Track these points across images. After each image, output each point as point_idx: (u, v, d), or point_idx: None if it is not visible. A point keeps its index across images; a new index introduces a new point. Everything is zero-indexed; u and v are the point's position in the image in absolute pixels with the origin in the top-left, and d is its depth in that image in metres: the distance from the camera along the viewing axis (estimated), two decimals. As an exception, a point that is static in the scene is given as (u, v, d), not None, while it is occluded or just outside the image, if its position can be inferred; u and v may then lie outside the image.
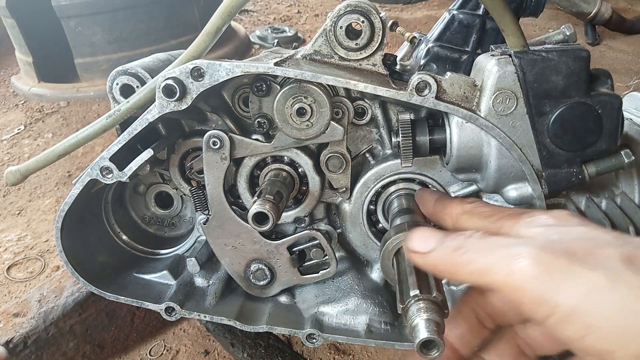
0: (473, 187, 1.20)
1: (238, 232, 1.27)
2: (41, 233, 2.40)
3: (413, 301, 0.82)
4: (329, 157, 1.21)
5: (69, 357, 1.65)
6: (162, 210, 1.47)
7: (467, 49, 1.63)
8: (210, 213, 1.26)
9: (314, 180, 1.24)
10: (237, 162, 1.25)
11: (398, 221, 1.11)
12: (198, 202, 1.35)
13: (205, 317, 1.32)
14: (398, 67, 1.51)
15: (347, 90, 1.19)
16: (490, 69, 1.00)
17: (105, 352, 1.75)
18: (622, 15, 4.53)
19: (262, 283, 1.34)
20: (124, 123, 1.15)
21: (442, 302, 0.83)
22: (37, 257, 2.21)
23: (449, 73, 1.02)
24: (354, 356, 1.74)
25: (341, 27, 1.08)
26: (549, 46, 1.01)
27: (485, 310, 0.85)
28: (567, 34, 1.76)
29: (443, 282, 1.31)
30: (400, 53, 1.91)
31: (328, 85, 1.08)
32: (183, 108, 1.04)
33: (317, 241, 1.29)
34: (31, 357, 1.55)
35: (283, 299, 1.40)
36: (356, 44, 1.09)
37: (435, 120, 1.17)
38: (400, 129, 1.10)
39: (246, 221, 1.10)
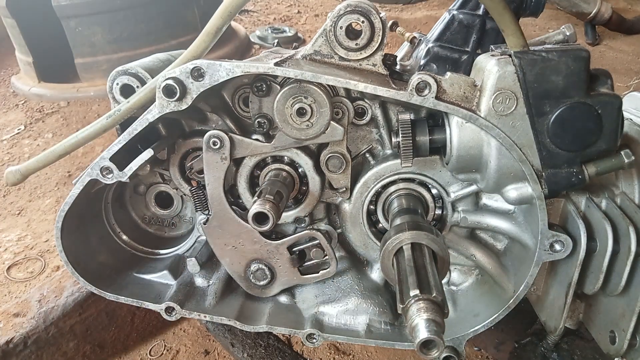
0: (473, 187, 1.20)
1: (238, 232, 1.27)
2: (41, 233, 2.40)
3: (413, 301, 0.82)
4: (329, 157, 1.21)
5: (69, 357, 1.65)
6: (162, 210, 1.47)
7: (467, 49, 1.63)
8: (210, 213, 1.26)
9: (314, 180, 1.24)
10: (237, 162, 1.25)
11: (398, 221, 1.11)
12: (198, 202, 1.35)
13: (205, 317, 1.32)
14: (398, 67, 1.51)
15: (347, 90, 1.19)
16: (490, 69, 1.00)
17: (105, 352, 1.75)
18: (622, 15, 4.52)
19: (262, 283, 1.34)
20: (124, 123, 1.15)
21: (442, 302, 0.83)
22: (37, 257, 2.21)
23: (449, 73, 1.02)
24: (354, 356, 1.75)
25: (341, 27, 1.08)
26: (549, 46, 1.01)
27: None
28: (567, 34, 1.76)
29: (443, 282, 1.31)
30: (400, 53, 1.91)
31: (328, 85, 1.08)
32: (183, 108, 1.04)
33: (317, 241, 1.29)
34: (31, 357, 1.55)
35: (283, 299, 1.40)
36: (356, 44, 1.09)
37: (435, 120, 1.17)
38: (400, 129, 1.10)
39: (246, 221, 1.10)
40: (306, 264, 1.35)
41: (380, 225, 1.32)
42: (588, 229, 1.11)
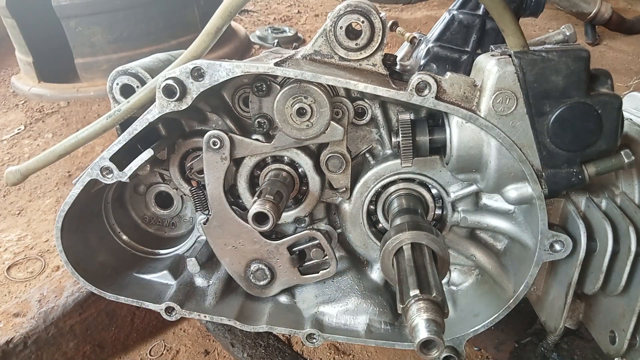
0: (473, 187, 1.20)
1: (238, 232, 1.27)
2: (41, 233, 2.40)
3: (413, 301, 0.82)
4: (329, 157, 1.21)
5: (69, 357, 1.65)
6: (162, 210, 1.47)
7: (467, 49, 1.63)
8: (210, 213, 1.26)
9: (314, 180, 1.24)
10: (237, 162, 1.25)
11: (398, 221, 1.11)
12: (198, 202, 1.35)
13: (205, 317, 1.32)
14: (398, 67, 1.51)
15: (347, 90, 1.19)
16: (490, 69, 1.00)
17: (105, 352, 1.75)
18: (622, 15, 4.52)
19: (262, 283, 1.34)
20: (124, 123, 1.15)
21: (442, 302, 0.83)
22: (37, 257, 2.21)
23: (449, 73, 1.02)
24: (354, 356, 1.75)
25: (341, 27, 1.08)
26: (549, 46, 1.01)
27: None
28: (567, 34, 1.76)
29: (443, 282, 1.31)
30: (400, 53, 1.91)
31: (328, 85, 1.08)
32: (183, 108, 1.04)
33: (317, 241, 1.29)
34: (31, 357, 1.55)
35: (283, 298, 1.40)
36: (356, 44, 1.09)
37: (435, 120, 1.17)
38: (400, 129, 1.10)
39: (246, 221, 1.10)
40: (306, 264, 1.35)
41: (380, 225, 1.32)
42: (588, 229, 1.11)
